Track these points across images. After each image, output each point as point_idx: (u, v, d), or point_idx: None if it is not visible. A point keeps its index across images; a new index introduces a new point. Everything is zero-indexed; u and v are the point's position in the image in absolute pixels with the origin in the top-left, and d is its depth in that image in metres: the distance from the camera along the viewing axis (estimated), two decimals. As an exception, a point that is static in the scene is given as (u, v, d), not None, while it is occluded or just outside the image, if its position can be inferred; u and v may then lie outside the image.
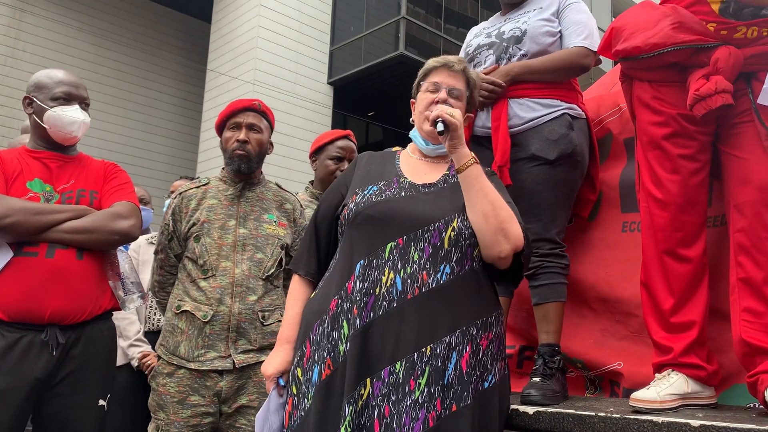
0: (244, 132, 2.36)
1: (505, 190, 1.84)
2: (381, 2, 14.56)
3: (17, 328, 1.98)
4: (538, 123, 2.24)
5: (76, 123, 2.19)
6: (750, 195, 1.80)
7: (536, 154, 2.22)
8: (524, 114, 2.26)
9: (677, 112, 1.92)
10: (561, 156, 2.21)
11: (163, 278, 2.45)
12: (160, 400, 2.24)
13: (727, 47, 1.81)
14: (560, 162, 2.22)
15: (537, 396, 1.95)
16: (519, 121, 2.25)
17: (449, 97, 1.80)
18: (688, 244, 1.92)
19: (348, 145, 2.92)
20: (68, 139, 2.20)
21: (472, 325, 1.62)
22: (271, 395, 1.72)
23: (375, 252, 1.64)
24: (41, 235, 2.02)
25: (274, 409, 1.71)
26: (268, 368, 1.74)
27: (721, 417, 1.65)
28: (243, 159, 2.36)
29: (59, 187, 2.16)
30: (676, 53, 1.87)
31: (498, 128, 2.22)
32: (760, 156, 1.80)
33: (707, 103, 1.78)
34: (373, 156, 1.93)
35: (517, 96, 2.27)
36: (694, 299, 1.91)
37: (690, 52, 1.86)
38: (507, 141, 2.20)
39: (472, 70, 2.22)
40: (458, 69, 1.85)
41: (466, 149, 1.69)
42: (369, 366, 1.56)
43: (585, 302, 2.46)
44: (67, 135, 2.19)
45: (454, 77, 1.83)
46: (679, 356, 1.87)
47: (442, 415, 1.52)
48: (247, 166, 2.38)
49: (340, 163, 2.88)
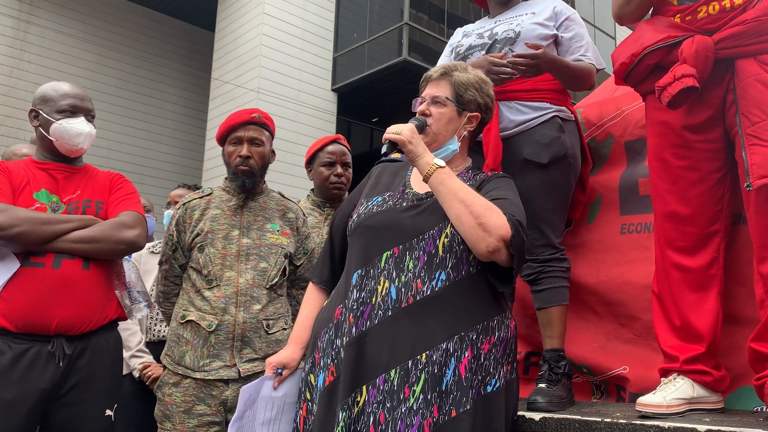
0: (246, 147, 2.37)
1: (514, 190, 1.80)
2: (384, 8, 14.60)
3: (24, 339, 1.99)
4: (528, 126, 2.23)
5: (82, 135, 2.21)
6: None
7: (529, 159, 2.20)
8: (514, 117, 2.24)
9: (675, 122, 1.93)
10: (553, 159, 2.20)
11: (168, 288, 2.46)
12: (166, 410, 2.24)
13: (691, 38, 1.81)
14: (553, 166, 2.21)
15: (543, 403, 1.95)
16: (509, 125, 2.24)
17: (432, 106, 1.83)
18: (691, 254, 1.92)
19: (337, 149, 2.93)
20: (74, 150, 2.22)
21: (472, 329, 1.61)
22: (265, 378, 1.77)
23: (371, 262, 1.68)
24: (48, 245, 2.03)
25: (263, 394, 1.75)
26: (271, 359, 1.82)
27: (728, 421, 1.64)
28: (246, 174, 2.38)
29: (66, 198, 2.17)
30: (653, 55, 1.89)
31: (489, 131, 2.18)
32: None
33: (668, 91, 1.79)
34: (387, 167, 1.96)
35: (506, 99, 2.25)
36: (700, 311, 1.89)
37: (664, 52, 1.87)
38: (499, 144, 2.18)
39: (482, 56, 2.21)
40: (437, 77, 1.88)
41: (426, 158, 1.68)
42: (364, 373, 1.58)
43: (587, 306, 2.46)
44: (73, 147, 2.21)
45: (435, 86, 1.87)
46: (685, 364, 1.86)
47: (440, 422, 1.52)
48: (251, 181, 2.40)
49: (332, 168, 2.90)
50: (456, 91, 1.85)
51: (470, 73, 1.89)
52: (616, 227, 2.43)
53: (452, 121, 1.83)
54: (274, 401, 1.78)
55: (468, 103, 1.85)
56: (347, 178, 2.93)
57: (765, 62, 1.77)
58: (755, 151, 1.72)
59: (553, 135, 2.21)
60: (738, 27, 1.78)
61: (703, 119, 1.89)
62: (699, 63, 1.78)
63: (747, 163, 1.73)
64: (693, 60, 1.78)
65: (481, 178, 1.82)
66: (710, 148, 1.90)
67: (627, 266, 2.34)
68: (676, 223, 1.94)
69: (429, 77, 1.90)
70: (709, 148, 1.90)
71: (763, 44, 1.77)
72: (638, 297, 2.27)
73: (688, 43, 1.80)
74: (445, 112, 1.83)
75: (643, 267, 2.27)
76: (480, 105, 1.87)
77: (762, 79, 1.76)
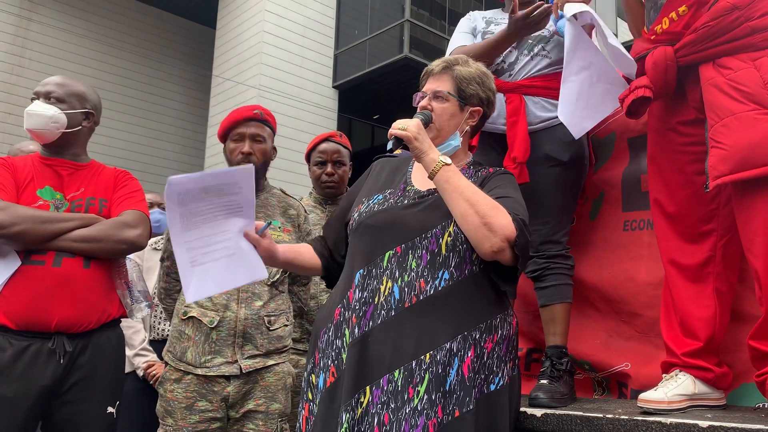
0: (248, 144, 2.37)
1: (516, 188, 1.78)
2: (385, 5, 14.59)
3: (25, 336, 1.99)
4: (552, 124, 2.24)
5: (32, 117, 2.15)
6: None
7: (550, 155, 2.22)
8: (540, 113, 2.26)
9: (663, 126, 2.01)
10: (573, 158, 2.24)
11: (169, 285, 2.47)
12: (168, 406, 2.24)
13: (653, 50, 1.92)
14: (571, 164, 2.24)
15: (545, 398, 1.95)
16: (534, 120, 2.25)
17: (434, 101, 1.81)
18: (684, 252, 1.96)
19: (328, 147, 2.93)
20: (38, 136, 2.18)
21: (475, 329, 1.61)
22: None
23: (374, 261, 1.66)
24: (48, 244, 2.03)
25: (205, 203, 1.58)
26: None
27: (729, 417, 1.64)
28: None
29: (69, 195, 2.17)
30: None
31: (516, 123, 2.19)
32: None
33: (624, 103, 1.93)
34: (387, 163, 1.94)
35: (532, 93, 2.27)
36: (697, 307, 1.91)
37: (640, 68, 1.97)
38: (527, 139, 2.19)
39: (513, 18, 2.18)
40: (438, 71, 1.85)
41: (431, 155, 1.65)
42: (367, 374, 1.57)
43: (589, 303, 2.45)
44: (32, 132, 2.17)
45: (436, 80, 1.84)
46: (684, 357, 1.87)
47: (444, 422, 1.52)
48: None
49: (323, 167, 2.92)
50: (458, 85, 1.82)
51: (472, 66, 1.87)
52: (618, 224, 2.43)
53: (454, 116, 1.81)
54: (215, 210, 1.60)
55: (470, 97, 1.83)
56: (339, 176, 2.93)
57: (721, 65, 1.80)
58: (712, 153, 1.76)
59: None
60: (692, 35, 1.84)
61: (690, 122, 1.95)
62: (657, 73, 1.89)
63: (707, 165, 1.78)
64: (651, 71, 1.90)
65: (483, 175, 1.80)
66: (695, 150, 1.94)
67: (630, 263, 2.34)
68: (669, 223, 2.00)
69: (430, 71, 1.88)
70: (695, 150, 1.94)
71: (717, 48, 1.81)
72: (640, 294, 2.27)
73: (648, 57, 1.92)
74: (447, 107, 1.81)
75: (645, 264, 2.27)
76: (482, 99, 1.85)
77: (715, 83, 1.79)
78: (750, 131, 1.68)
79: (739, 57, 1.78)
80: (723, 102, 1.75)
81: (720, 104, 1.76)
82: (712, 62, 1.82)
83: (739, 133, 1.69)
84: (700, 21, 1.82)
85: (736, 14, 1.77)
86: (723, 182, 1.72)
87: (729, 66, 1.78)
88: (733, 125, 1.71)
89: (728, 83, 1.76)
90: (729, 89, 1.75)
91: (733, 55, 1.79)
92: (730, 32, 1.78)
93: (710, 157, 1.76)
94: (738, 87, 1.74)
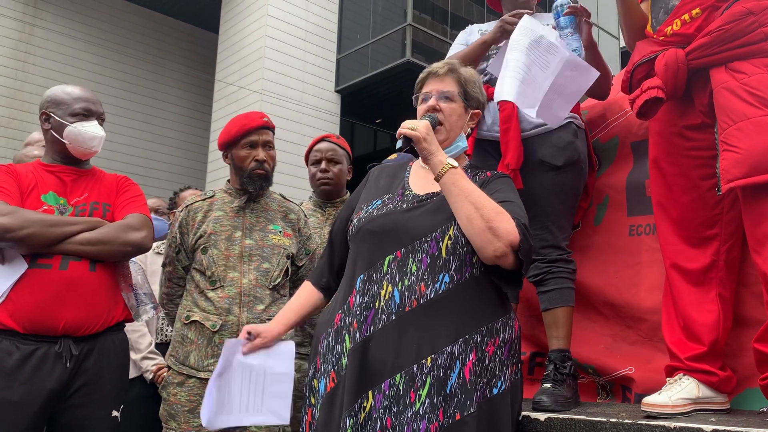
0: (262, 152, 2.40)
1: (515, 191, 1.79)
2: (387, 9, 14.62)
3: (31, 339, 2.00)
4: (546, 129, 2.25)
5: (96, 138, 2.23)
6: None
7: (544, 160, 2.23)
8: (532, 119, 2.26)
9: (668, 130, 2.01)
10: (567, 163, 2.24)
11: (172, 290, 2.48)
12: (171, 410, 2.25)
13: (663, 52, 1.90)
14: (566, 169, 2.24)
15: (548, 402, 1.95)
16: (527, 126, 2.26)
17: (440, 101, 1.80)
18: (687, 257, 1.96)
19: (323, 146, 2.95)
20: (87, 153, 2.25)
21: (476, 332, 1.60)
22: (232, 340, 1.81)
23: (374, 266, 1.66)
24: (55, 247, 2.04)
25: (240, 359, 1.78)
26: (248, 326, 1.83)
27: (734, 421, 1.64)
28: (263, 178, 2.41)
29: (73, 200, 2.19)
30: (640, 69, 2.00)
31: (509, 130, 2.21)
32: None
33: (636, 102, 1.91)
34: (384, 169, 1.94)
35: None
36: (700, 312, 1.91)
37: (648, 67, 1.96)
38: (520, 145, 2.20)
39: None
40: (443, 72, 1.85)
41: (439, 157, 1.65)
42: (369, 379, 1.57)
43: (594, 307, 2.45)
44: (87, 150, 2.23)
45: (441, 82, 1.84)
46: (688, 361, 1.87)
47: (445, 425, 1.52)
48: (267, 184, 2.44)
49: (319, 165, 2.93)
50: (464, 87, 1.83)
51: (469, 69, 1.89)
52: (624, 229, 2.43)
53: (461, 118, 1.82)
54: (252, 370, 1.78)
55: (473, 99, 1.85)
56: (335, 174, 2.93)
57: (734, 69, 1.81)
58: (725, 157, 1.76)
59: (568, 139, 2.25)
60: (704, 38, 1.84)
61: (696, 127, 1.95)
62: (669, 75, 1.87)
63: (719, 168, 1.77)
64: (662, 73, 1.88)
65: (482, 178, 1.80)
66: (701, 155, 1.94)
67: (635, 268, 2.34)
68: (673, 227, 2.00)
69: (434, 72, 1.86)
70: (701, 155, 1.94)
71: (730, 51, 1.81)
72: (645, 299, 2.27)
73: (660, 58, 1.91)
74: (455, 108, 1.81)
75: (650, 269, 2.27)
76: (480, 102, 1.87)
77: (729, 86, 1.79)
78: (764, 135, 1.68)
79: (752, 62, 1.78)
80: (737, 105, 1.75)
81: (734, 107, 1.75)
82: (724, 66, 1.82)
83: (753, 137, 1.69)
84: (714, 24, 1.82)
85: (751, 19, 1.77)
86: (736, 186, 1.71)
87: (742, 70, 1.78)
88: (748, 129, 1.71)
89: (742, 87, 1.76)
90: (743, 93, 1.75)
91: (746, 60, 1.79)
92: (743, 37, 1.78)
93: (722, 160, 1.75)
94: (752, 91, 1.74)
